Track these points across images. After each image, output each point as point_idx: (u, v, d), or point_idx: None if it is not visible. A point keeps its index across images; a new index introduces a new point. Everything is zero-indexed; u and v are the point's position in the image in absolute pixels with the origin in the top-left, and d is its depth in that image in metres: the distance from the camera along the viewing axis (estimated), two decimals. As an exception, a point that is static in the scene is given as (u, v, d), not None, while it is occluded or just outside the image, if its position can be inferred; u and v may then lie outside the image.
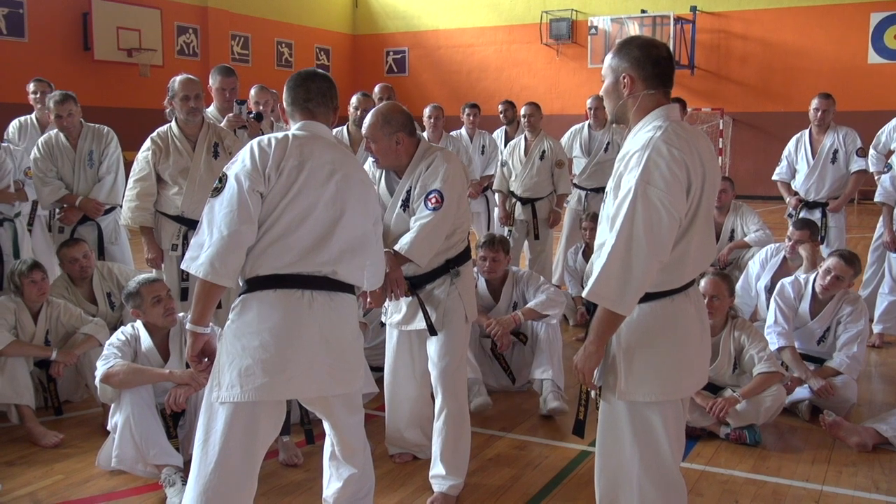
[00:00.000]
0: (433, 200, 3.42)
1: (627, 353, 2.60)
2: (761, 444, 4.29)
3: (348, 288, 2.84)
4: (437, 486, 3.65)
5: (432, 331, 3.59)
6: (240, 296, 2.77)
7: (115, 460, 3.80)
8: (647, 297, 2.53)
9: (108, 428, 3.91)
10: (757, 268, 5.87)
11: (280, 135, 2.78)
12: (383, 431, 4.15)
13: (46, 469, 4.01)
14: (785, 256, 5.72)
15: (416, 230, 3.42)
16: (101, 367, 3.84)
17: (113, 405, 3.87)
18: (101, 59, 15.49)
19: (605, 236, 2.51)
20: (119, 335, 4.03)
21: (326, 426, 3.05)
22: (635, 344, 2.59)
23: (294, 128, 2.87)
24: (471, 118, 8.38)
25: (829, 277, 4.80)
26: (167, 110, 4.95)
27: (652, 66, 2.54)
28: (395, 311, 3.79)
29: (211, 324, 2.83)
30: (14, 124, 6.72)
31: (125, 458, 3.77)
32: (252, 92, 6.27)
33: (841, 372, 4.73)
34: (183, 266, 2.72)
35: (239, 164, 2.70)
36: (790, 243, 5.62)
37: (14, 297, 4.69)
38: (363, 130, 3.54)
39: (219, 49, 18.15)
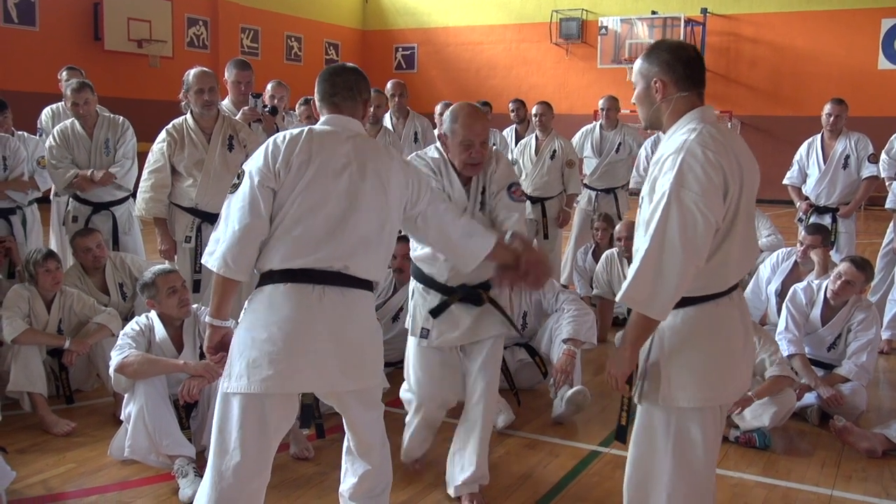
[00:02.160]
0: (517, 192, 3.44)
1: (670, 357, 2.56)
2: (771, 447, 4.30)
3: (364, 284, 2.82)
4: (469, 488, 3.60)
5: (520, 334, 3.48)
6: (256, 288, 2.79)
7: (128, 450, 3.81)
8: (691, 301, 2.50)
9: (122, 418, 3.93)
10: (767, 272, 5.88)
11: (297, 130, 2.80)
12: (392, 426, 4.14)
13: (59, 457, 4.03)
14: (796, 261, 5.72)
15: (516, 222, 3.37)
16: (115, 357, 3.85)
17: (127, 395, 3.89)
18: (111, 49, 15.51)
19: (641, 241, 2.48)
20: (133, 325, 4.04)
21: (344, 420, 3.05)
22: (679, 348, 2.55)
23: (319, 123, 2.88)
24: (481, 116, 8.37)
25: (839, 282, 4.80)
26: (182, 103, 4.96)
27: (683, 67, 2.53)
28: (449, 329, 3.55)
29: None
30: (46, 112, 6.76)
31: (138, 448, 3.79)
32: (269, 86, 6.30)
33: (849, 379, 4.74)
34: (203, 260, 2.76)
35: (253, 161, 2.74)
36: (802, 248, 5.62)
37: (28, 285, 4.71)
38: (470, 135, 3.34)
39: (228, 42, 18.16)
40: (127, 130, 5.76)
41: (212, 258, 2.68)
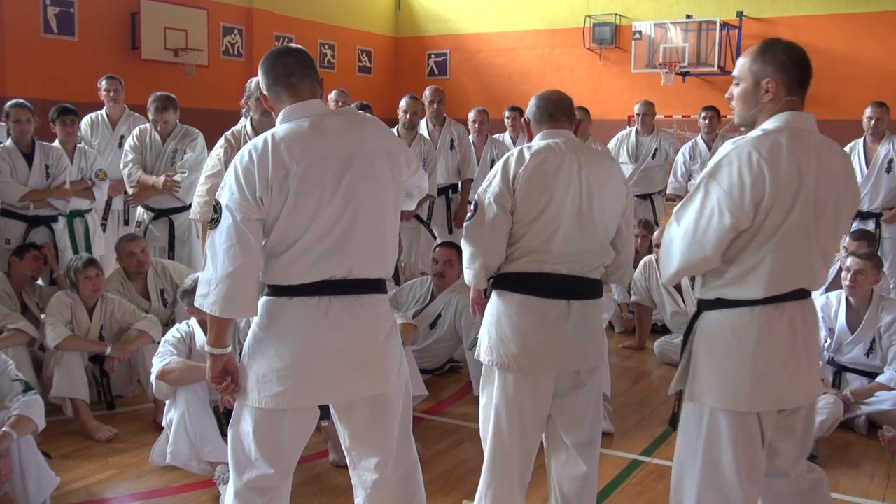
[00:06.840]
0: None
1: (698, 357, 2.61)
2: (817, 458, 4.20)
3: (372, 284, 2.66)
4: None
5: None
6: (263, 296, 2.66)
7: (169, 457, 3.84)
8: (719, 304, 2.54)
9: (163, 424, 3.95)
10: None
11: (260, 143, 2.50)
12: (431, 434, 4.13)
13: (101, 463, 4.07)
14: (841, 267, 5.58)
15: None
16: (157, 364, 3.88)
17: (168, 402, 3.91)
18: (148, 58, 15.68)
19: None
20: (174, 332, 4.07)
21: (343, 433, 2.81)
22: (703, 349, 2.59)
23: (277, 121, 2.63)
24: (511, 121, 8.31)
25: (849, 276, 4.71)
26: (243, 109, 5.02)
27: (798, 71, 2.47)
28: None
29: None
30: (86, 121, 6.86)
31: (180, 455, 3.81)
32: (332, 95, 6.50)
33: (892, 388, 4.61)
34: (196, 304, 2.59)
35: (227, 193, 2.50)
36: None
37: (70, 292, 4.77)
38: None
39: (263, 50, 17.99)
40: (195, 139, 6.07)
41: (207, 301, 2.49)
